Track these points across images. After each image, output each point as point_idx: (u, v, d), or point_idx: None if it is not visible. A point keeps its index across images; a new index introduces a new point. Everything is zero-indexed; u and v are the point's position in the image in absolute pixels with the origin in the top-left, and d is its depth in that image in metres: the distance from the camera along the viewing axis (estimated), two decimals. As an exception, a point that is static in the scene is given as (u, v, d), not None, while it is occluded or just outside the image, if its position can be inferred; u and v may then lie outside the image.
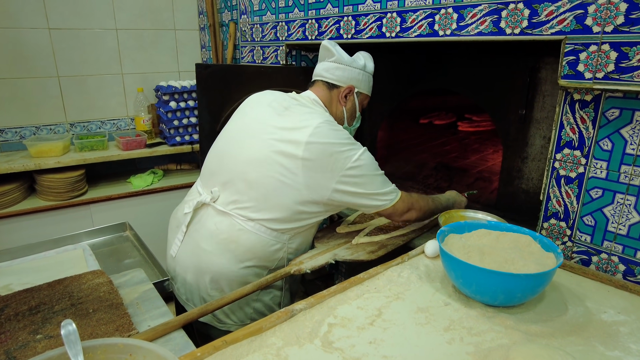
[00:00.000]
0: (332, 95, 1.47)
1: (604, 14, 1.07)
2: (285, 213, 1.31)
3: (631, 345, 0.91)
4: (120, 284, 1.21)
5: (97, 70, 2.75)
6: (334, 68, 1.45)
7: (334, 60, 1.46)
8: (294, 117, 1.33)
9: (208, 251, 1.35)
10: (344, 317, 1.00)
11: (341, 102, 1.48)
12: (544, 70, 1.55)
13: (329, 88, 1.47)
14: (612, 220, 1.21)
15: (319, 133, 1.26)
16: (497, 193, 1.79)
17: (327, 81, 1.47)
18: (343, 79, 1.46)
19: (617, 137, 1.16)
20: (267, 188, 1.29)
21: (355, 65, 1.46)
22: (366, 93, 1.54)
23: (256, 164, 1.31)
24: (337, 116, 1.48)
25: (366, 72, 1.50)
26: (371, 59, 1.54)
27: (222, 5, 2.72)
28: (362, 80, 1.49)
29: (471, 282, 1.02)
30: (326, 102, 1.47)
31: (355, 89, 1.48)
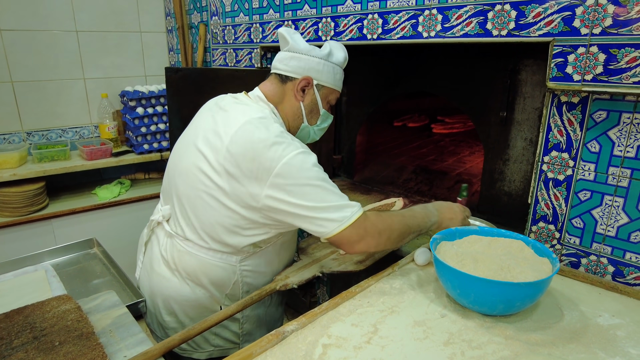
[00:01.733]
0: (285, 90, 1.25)
1: (592, 15, 1.06)
2: (218, 230, 1.15)
3: (631, 350, 0.90)
4: (90, 309, 1.10)
5: (56, 75, 2.57)
6: (288, 58, 1.23)
7: (288, 48, 1.23)
8: (224, 118, 1.15)
9: (157, 273, 1.27)
10: (339, 336, 0.94)
11: (297, 97, 1.24)
12: (523, 72, 1.55)
13: (282, 81, 1.25)
14: (600, 222, 1.21)
15: (242, 133, 1.08)
16: (479, 196, 1.79)
17: (279, 73, 1.25)
18: (298, 70, 1.23)
19: (605, 139, 1.15)
20: (194, 203, 1.15)
21: (314, 54, 1.23)
22: (331, 86, 1.28)
23: (183, 176, 1.18)
24: (292, 113, 1.27)
25: (330, 62, 1.25)
26: (342, 49, 1.31)
27: (191, 6, 2.61)
28: (324, 71, 1.24)
29: (469, 292, 0.98)
30: (275, 97, 1.25)
31: (314, 81, 1.24)
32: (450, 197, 1.95)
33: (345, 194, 1.12)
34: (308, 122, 1.29)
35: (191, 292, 1.24)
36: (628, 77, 1.04)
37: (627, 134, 1.12)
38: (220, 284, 1.24)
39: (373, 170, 2.34)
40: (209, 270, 1.21)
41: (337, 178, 2.36)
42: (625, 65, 1.04)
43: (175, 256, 1.23)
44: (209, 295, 1.25)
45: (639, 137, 1.10)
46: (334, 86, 1.29)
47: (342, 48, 1.32)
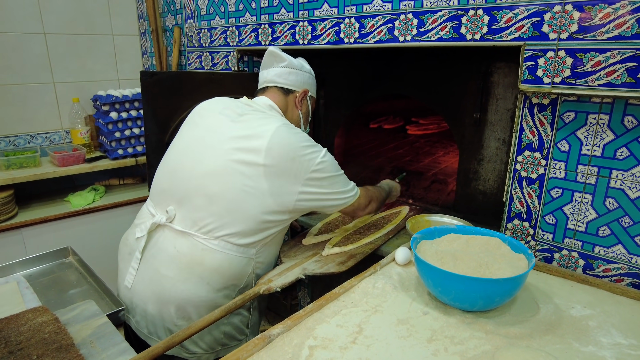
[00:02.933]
0: (288, 101, 1.46)
1: (559, 21, 1.11)
2: (251, 225, 1.24)
3: (602, 339, 0.95)
4: (69, 320, 1.07)
5: (22, 79, 2.48)
6: (287, 73, 1.44)
7: (286, 65, 1.44)
8: (251, 124, 1.27)
9: (170, 277, 1.25)
10: (325, 337, 0.95)
11: (297, 107, 1.47)
12: (496, 74, 1.60)
13: (285, 93, 1.45)
14: (571, 218, 1.26)
15: (279, 137, 1.22)
16: (455, 195, 1.83)
17: (282, 87, 1.45)
18: (297, 84, 1.46)
19: (574, 139, 1.21)
20: (230, 201, 1.22)
21: (305, 70, 1.48)
22: (314, 96, 1.57)
23: (216, 176, 1.23)
24: (293, 121, 1.46)
25: (312, 76, 1.53)
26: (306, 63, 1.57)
27: (165, 9, 2.58)
28: (313, 84, 1.52)
29: (450, 289, 1.01)
30: (282, 107, 1.44)
31: (309, 93, 1.50)
32: (426, 197, 1.99)
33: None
34: (304, 127, 1.53)
35: (211, 291, 1.26)
36: (593, 80, 1.09)
37: (593, 133, 1.17)
38: (237, 278, 1.29)
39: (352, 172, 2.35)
40: (232, 265, 1.26)
41: (316, 180, 2.37)
42: (591, 69, 1.09)
43: (197, 255, 1.24)
44: (226, 292, 1.29)
45: (604, 137, 1.16)
46: (315, 95, 1.57)
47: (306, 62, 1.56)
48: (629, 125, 1.12)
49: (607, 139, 1.16)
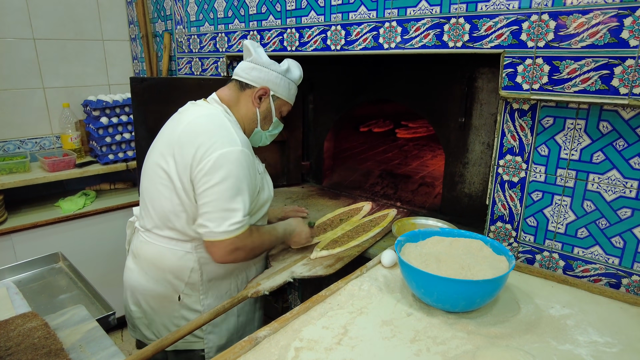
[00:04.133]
0: (242, 95, 1.39)
1: (537, 30, 1.15)
2: (172, 219, 1.28)
3: (579, 337, 0.98)
4: (58, 325, 1.09)
5: (12, 84, 2.48)
6: (250, 68, 1.38)
7: (251, 60, 1.39)
8: (179, 119, 1.33)
9: (127, 267, 1.43)
10: (310, 339, 0.97)
11: (254, 103, 1.38)
12: (480, 79, 1.64)
13: (241, 88, 1.39)
14: (551, 220, 1.30)
15: (191, 126, 1.25)
16: (441, 198, 1.86)
17: (240, 80, 1.39)
18: (258, 80, 1.38)
19: (553, 143, 1.24)
20: (152, 195, 1.31)
21: (274, 68, 1.39)
22: (285, 99, 1.44)
23: (145, 173, 1.36)
24: (247, 117, 1.40)
25: (287, 78, 1.42)
26: (299, 67, 1.47)
27: (155, 15, 2.59)
28: (281, 85, 1.40)
29: (432, 291, 1.04)
30: (230, 100, 1.39)
31: (270, 92, 1.40)
32: (414, 200, 2.03)
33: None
34: (261, 127, 1.43)
35: (150, 281, 1.35)
36: (569, 87, 1.13)
37: (571, 138, 1.21)
38: (177, 271, 1.33)
39: (341, 176, 2.39)
40: (167, 257, 1.32)
41: (306, 184, 2.39)
42: (567, 76, 1.13)
43: (139, 247, 1.37)
44: (167, 283, 1.35)
45: (581, 141, 1.20)
46: (287, 99, 1.45)
47: (299, 67, 1.47)
48: (604, 131, 1.16)
49: (584, 144, 1.19)
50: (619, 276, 1.22)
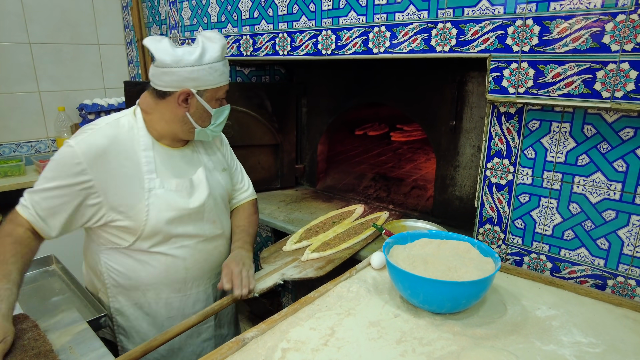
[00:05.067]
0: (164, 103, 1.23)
1: (521, 35, 1.17)
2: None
3: (563, 338, 0.99)
4: (49, 327, 1.09)
5: (7, 88, 2.50)
6: (160, 74, 1.19)
7: (156, 64, 1.19)
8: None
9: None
10: (297, 340, 0.98)
11: (182, 108, 1.23)
12: (470, 83, 1.66)
13: (159, 96, 1.23)
14: (539, 222, 1.31)
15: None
16: (433, 201, 1.88)
17: (156, 88, 1.22)
18: (174, 84, 1.19)
19: (539, 146, 1.26)
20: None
21: (185, 63, 1.18)
22: (213, 87, 1.25)
23: None
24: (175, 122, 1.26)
25: (203, 65, 1.20)
26: (217, 40, 1.25)
27: (150, 19, 2.61)
28: (200, 77, 1.20)
29: (419, 292, 1.05)
30: (148, 107, 1.26)
31: (193, 90, 1.21)
32: (406, 202, 2.04)
33: (57, 200, 1.17)
34: (201, 126, 1.28)
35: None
36: (554, 91, 1.15)
37: (557, 141, 1.23)
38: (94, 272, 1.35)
39: (335, 179, 2.40)
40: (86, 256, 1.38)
41: (300, 187, 2.41)
42: (551, 80, 1.14)
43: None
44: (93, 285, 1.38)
45: (566, 144, 1.21)
46: (215, 85, 1.25)
47: (217, 39, 1.25)
48: (588, 134, 1.17)
49: (569, 147, 1.21)
50: (604, 277, 1.23)
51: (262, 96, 2.14)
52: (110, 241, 1.26)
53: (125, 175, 1.20)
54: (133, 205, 1.20)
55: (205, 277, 1.38)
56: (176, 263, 1.30)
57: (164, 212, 1.24)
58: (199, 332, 1.42)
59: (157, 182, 1.24)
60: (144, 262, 1.27)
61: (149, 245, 1.25)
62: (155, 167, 1.25)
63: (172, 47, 1.19)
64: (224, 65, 1.27)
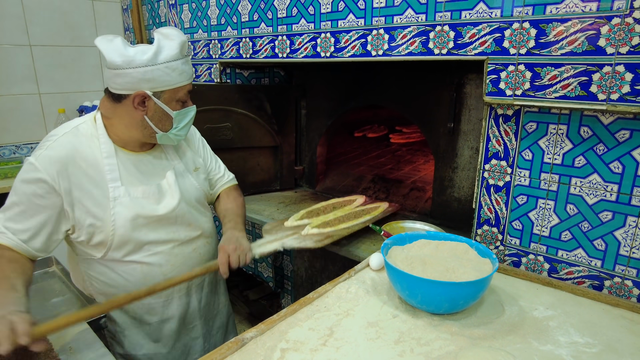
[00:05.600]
0: (121, 107, 1.18)
1: (518, 37, 1.18)
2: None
3: (560, 338, 1.00)
4: (49, 327, 1.10)
5: (8, 90, 2.51)
6: (113, 75, 1.14)
7: (108, 65, 1.14)
8: None
9: None
10: (296, 340, 0.99)
11: (138, 110, 1.17)
12: (468, 85, 1.67)
13: (115, 99, 1.18)
14: (536, 223, 1.32)
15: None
16: (432, 202, 1.89)
17: (111, 92, 1.18)
18: (127, 86, 1.14)
19: (536, 148, 1.27)
20: None
21: (136, 64, 1.11)
22: (171, 87, 1.18)
23: None
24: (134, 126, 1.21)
25: (158, 65, 1.13)
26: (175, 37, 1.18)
27: (150, 22, 2.62)
28: (155, 78, 1.14)
29: (417, 293, 1.06)
30: (107, 112, 1.21)
31: (148, 92, 1.15)
32: (405, 204, 2.04)
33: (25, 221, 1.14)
34: (162, 130, 1.22)
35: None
36: (551, 93, 1.16)
37: (554, 143, 1.24)
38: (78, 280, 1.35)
39: (334, 180, 2.41)
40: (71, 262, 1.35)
41: (300, 188, 2.42)
42: (548, 82, 1.15)
43: None
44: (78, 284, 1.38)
45: (563, 146, 1.22)
46: (174, 85, 1.18)
47: (176, 36, 1.19)
48: (584, 135, 1.18)
49: (566, 148, 1.22)
50: (601, 278, 1.24)
51: (262, 98, 2.15)
52: (85, 252, 1.24)
53: (88, 185, 1.17)
54: (99, 216, 1.18)
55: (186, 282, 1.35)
56: (153, 270, 1.28)
57: (131, 221, 1.21)
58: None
59: (121, 190, 1.20)
60: (121, 272, 1.26)
61: (121, 255, 1.23)
62: (120, 175, 1.21)
63: (125, 46, 1.13)
64: (184, 63, 1.19)
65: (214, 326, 1.55)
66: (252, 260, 1.53)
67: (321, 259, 1.82)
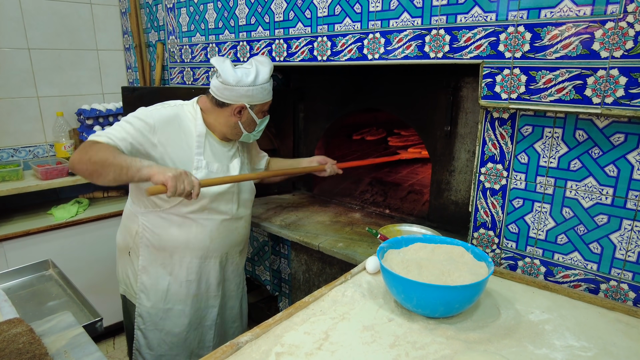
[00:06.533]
0: (221, 111, 1.52)
1: (513, 41, 1.18)
2: (131, 187, 1.59)
3: (555, 342, 1.00)
4: (44, 331, 1.10)
5: (6, 93, 2.51)
6: (222, 88, 1.48)
7: (222, 81, 1.48)
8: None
9: None
10: (292, 344, 0.99)
11: (235, 117, 1.53)
12: (464, 89, 1.67)
13: (218, 105, 1.52)
14: (532, 226, 1.32)
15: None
16: (429, 205, 1.89)
17: (216, 98, 1.51)
18: (232, 99, 1.49)
19: (532, 151, 1.27)
20: None
21: (242, 84, 1.47)
22: (262, 102, 1.55)
23: None
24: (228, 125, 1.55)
25: (257, 86, 1.50)
26: (267, 64, 1.54)
27: (149, 25, 2.63)
28: (254, 95, 1.50)
29: (412, 296, 1.06)
30: (207, 108, 1.54)
31: (247, 105, 1.51)
32: (402, 207, 2.05)
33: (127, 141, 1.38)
34: (247, 132, 1.58)
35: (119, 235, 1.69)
36: (546, 96, 1.16)
37: (549, 146, 1.24)
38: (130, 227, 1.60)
39: (331, 183, 2.41)
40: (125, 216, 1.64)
41: (297, 192, 2.42)
42: (543, 86, 1.16)
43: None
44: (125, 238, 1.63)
45: (559, 149, 1.23)
46: (264, 101, 1.55)
47: (267, 63, 1.54)
48: (580, 139, 1.19)
49: (562, 151, 1.22)
50: (597, 282, 1.24)
51: (259, 101, 2.15)
52: (154, 203, 1.50)
53: (180, 147, 1.47)
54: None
55: (223, 250, 1.63)
56: (204, 232, 1.55)
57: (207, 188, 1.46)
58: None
59: (203, 162, 1.50)
60: (177, 225, 1.52)
61: (186, 211, 1.50)
62: (204, 151, 1.51)
63: (233, 68, 1.47)
64: (270, 84, 1.55)
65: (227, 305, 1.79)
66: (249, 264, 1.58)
67: (318, 262, 1.82)
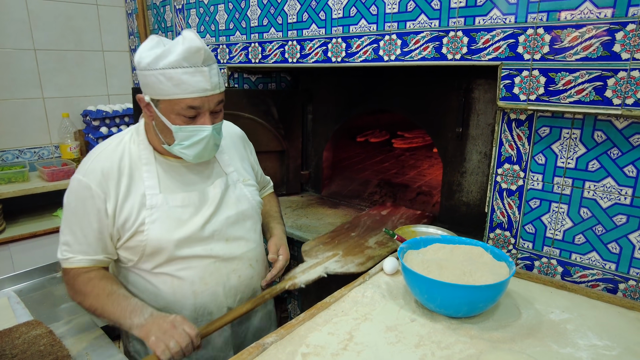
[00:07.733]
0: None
1: (532, 43, 1.19)
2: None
3: (579, 341, 1.00)
4: (63, 333, 1.09)
5: (12, 94, 2.49)
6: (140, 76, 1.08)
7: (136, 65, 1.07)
8: None
9: None
10: (317, 344, 0.98)
11: (147, 114, 1.11)
12: (476, 90, 1.68)
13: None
14: (549, 227, 1.33)
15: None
16: (440, 206, 1.89)
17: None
18: (142, 88, 1.08)
19: (549, 152, 1.28)
20: None
21: (140, 67, 1.04)
22: (165, 98, 1.04)
23: None
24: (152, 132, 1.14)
25: (155, 70, 1.01)
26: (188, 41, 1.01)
27: (156, 26, 2.62)
28: (149, 84, 1.03)
29: (435, 296, 1.06)
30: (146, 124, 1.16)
31: (146, 97, 1.07)
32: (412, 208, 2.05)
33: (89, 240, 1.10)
34: (167, 142, 1.11)
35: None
36: (565, 98, 1.17)
37: (567, 147, 1.25)
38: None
39: (340, 185, 2.41)
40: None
41: (306, 193, 2.41)
42: (562, 87, 1.17)
43: None
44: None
45: (577, 150, 1.23)
46: (169, 97, 1.03)
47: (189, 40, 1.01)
48: (598, 140, 1.20)
49: (580, 152, 1.23)
50: (616, 281, 1.24)
51: (269, 103, 2.16)
52: (122, 258, 1.16)
53: (128, 193, 1.10)
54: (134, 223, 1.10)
55: (219, 305, 1.20)
56: (183, 287, 1.15)
57: (167, 232, 1.11)
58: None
59: (159, 198, 1.12)
60: (151, 283, 1.15)
61: (151, 267, 1.13)
62: (159, 182, 1.13)
63: (150, 44, 1.05)
64: (188, 74, 1.01)
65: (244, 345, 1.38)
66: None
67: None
